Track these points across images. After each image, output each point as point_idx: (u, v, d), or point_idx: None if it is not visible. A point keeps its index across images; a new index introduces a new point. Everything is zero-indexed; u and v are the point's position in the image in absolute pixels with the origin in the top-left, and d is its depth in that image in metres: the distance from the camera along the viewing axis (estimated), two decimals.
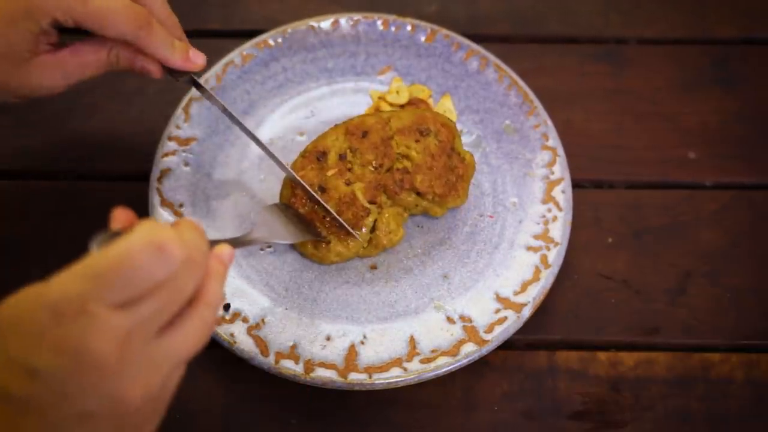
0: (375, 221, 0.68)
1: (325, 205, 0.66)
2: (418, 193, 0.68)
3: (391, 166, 0.68)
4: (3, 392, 0.39)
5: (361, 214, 0.67)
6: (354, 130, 0.69)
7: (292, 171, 0.67)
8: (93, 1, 0.56)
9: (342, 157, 0.68)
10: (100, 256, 0.39)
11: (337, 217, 0.66)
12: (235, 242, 0.55)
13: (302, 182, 0.67)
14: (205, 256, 0.43)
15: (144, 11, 0.58)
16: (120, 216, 0.44)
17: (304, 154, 0.69)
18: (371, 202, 0.67)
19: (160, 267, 0.40)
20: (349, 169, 0.68)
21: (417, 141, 0.68)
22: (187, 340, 0.43)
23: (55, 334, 0.38)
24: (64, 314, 0.38)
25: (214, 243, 0.47)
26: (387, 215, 0.68)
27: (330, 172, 0.68)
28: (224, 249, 0.47)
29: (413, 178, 0.67)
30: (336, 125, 0.70)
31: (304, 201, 0.67)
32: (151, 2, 0.60)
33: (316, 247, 0.67)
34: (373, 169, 0.68)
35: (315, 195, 0.67)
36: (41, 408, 0.39)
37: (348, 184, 0.67)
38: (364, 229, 0.67)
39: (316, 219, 0.67)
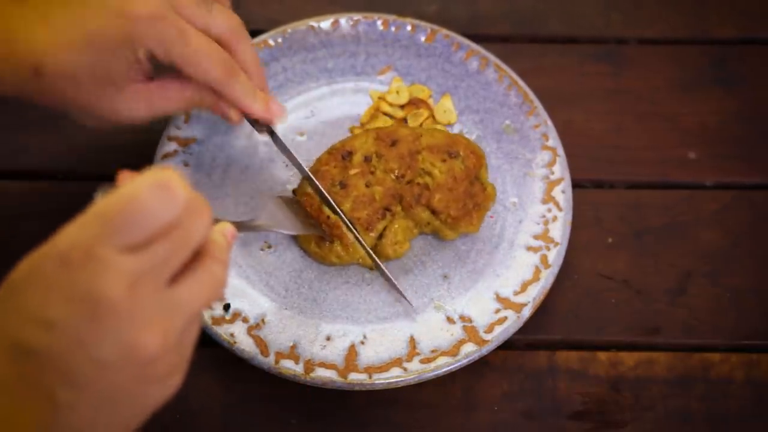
0: (384, 229, 0.68)
1: (335, 206, 0.66)
2: (433, 212, 0.67)
3: (413, 179, 0.68)
4: (22, 347, 0.39)
5: (377, 216, 0.67)
6: (384, 137, 0.69)
7: (311, 174, 0.68)
8: (190, 40, 0.58)
9: (367, 159, 0.68)
10: (105, 201, 0.39)
11: (343, 217, 0.66)
12: (238, 225, 0.55)
13: (320, 187, 0.67)
14: (210, 210, 0.43)
15: (232, 61, 0.61)
16: (126, 175, 0.44)
17: (330, 151, 0.70)
18: (385, 209, 0.67)
19: (166, 206, 0.40)
20: (372, 173, 0.68)
21: (443, 161, 0.68)
22: (199, 291, 0.42)
23: (64, 282, 0.39)
24: (72, 261, 0.38)
25: (216, 221, 0.47)
26: (397, 226, 0.68)
27: (352, 171, 0.68)
28: (226, 225, 0.47)
29: (431, 195, 0.67)
30: (368, 129, 0.71)
31: (313, 201, 0.67)
32: (242, 51, 0.63)
33: (318, 245, 0.67)
34: (394, 177, 0.68)
35: (329, 198, 0.67)
36: (59, 359, 0.39)
37: (368, 186, 0.68)
38: (372, 234, 0.67)
39: (321, 219, 0.67)
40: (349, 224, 0.66)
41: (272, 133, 0.68)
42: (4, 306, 0.40)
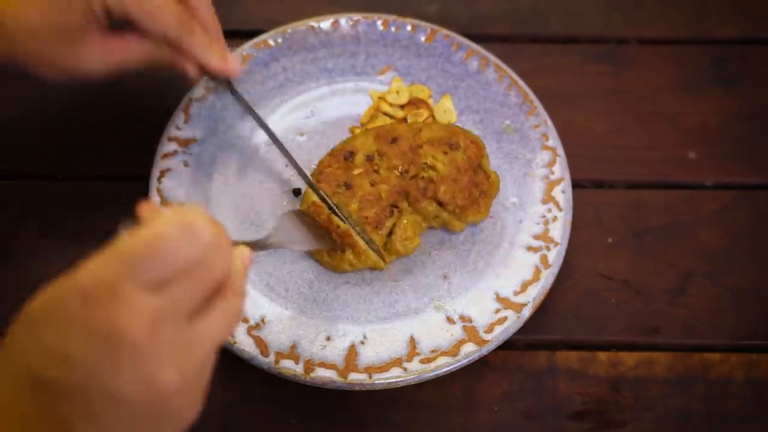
0: (393, 226, 0.68)
1: (340, 214, 0.67)
2: (440, 204, 0.67)
3: (417, 173, 0.68)
4: (38, 379, 0.39)
5: (385, 214, 0.67)
6: (384, 134, 0.70)
7: (314, 182, 0.68)
8: None
9: (369, 159, 0.68)
10: (130, 238, 0.39)
11: (351, 225, 0.66)
12: (253, 245, 0.55)
13: (324, 196, 0.67)
14: (230, 245, 0.44)
15: (186, 14, 0.62)
16: (146, 207, 0.44)
17: (332, 153, 0.70)
18: (393, 206, 0.67)
19: (190, 246, 0.40)
20: (376, 171, 0.68)
21: (445, 153, 0.68)
22: (218, 326, 0.43)
23: (86, 317, 0.39)
24: (94, 297, 0.39)
25: (233, 245, 0.47)
26: (405, 222, 0.68)
27: (356, 171, 0.68)
28: (243, 250, 0.48)
29: (437, 187, 0.67)
30: (367, 129, 0.71)
31: (321, 211, 0.67)
32: (197, 5, 0.64)
33: (330, 255, 0.67)
34: (398, 174, 0.68)
35: (333, 206, 0.67)
36: (76, 393, 0.39)
37: (373, 184, 0.68)
38: (381, 232, 0.67)
39: (331, 229, 0.67)
40: (344, 218, 0.66)
41: (233, 89, 0.69)
42: (24, 338, 0.40)
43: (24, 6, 0.58)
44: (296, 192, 0.72)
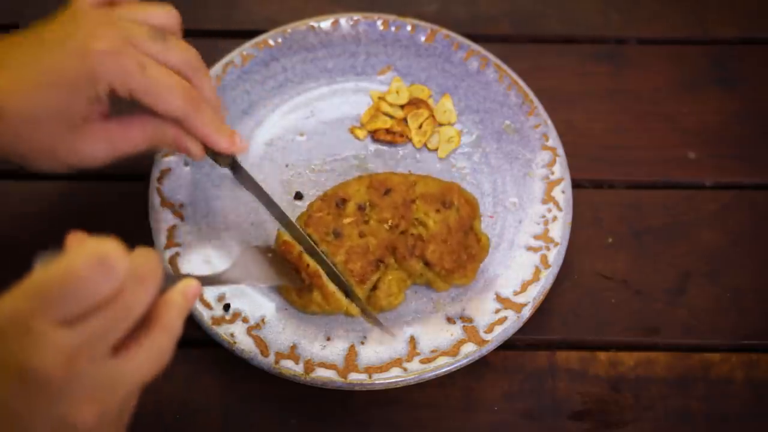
0: (378, 281, 0.66)
1: (324, 257, 0.64)
2: (427, 263, 0.65)
3: (406, 229, 0.66)
4: None
5: (371, 269, 0.65)
6: (378, 185, 0.67)
7: (295, 223, 0.66)
8: (150, 72, 0.56)
9: (361, 208, 0.66)
10: (42, 273, 0.39)
11: (329, 264, 0.64)
12: (205, 279, 0.53)
13: (307, 237, 0.65)
14: (156, 276, 0.42)
15: (195, 91, 0.59)
16: (74, 238, 0.42)
17: (323, 198, 0.67)
18: (379, 261, 0.65)
19: (103, 280, 0.39)
20: (366, 222, 0.66)
21: (437, 211, 0.66)
22: (141, 364, 0.42)
23: None
24: (6, 334, 0.38)
25: (181, 277, 0.46)
26: (390, 278, 0.66)
27: (347, 220, 0.66)
28: (189, 283, 0.46)
29: (425, 246, 0.65)
30: (361, 176, 0.69)
31: (292, 249, 0.64)
32: (201, 84, 0.60)
33: (299, 295, 0.65)
34: (387, 227, 0.66)
35: (317, 249, 0.65)
36: None
37: (361, 236, 0.66)
38: (365, 286, 0.65)
39: (301, 268, 0.64)
40: (335, 270, 0.64)
41: (235, 168, 0.66)
42: None
43: (27, 94, 0.54)
44: (298, 196, 0.72)
